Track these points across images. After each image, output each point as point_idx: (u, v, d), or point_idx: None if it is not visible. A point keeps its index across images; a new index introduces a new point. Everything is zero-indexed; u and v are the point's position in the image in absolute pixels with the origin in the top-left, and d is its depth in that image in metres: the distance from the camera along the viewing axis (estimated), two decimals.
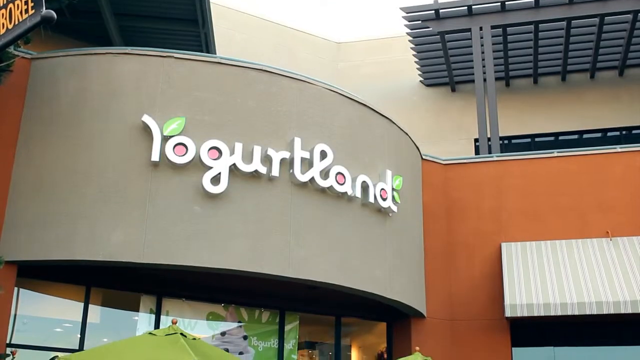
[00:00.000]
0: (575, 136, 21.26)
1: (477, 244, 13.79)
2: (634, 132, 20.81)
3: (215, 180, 10.05)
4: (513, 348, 13.22)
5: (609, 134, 21.18)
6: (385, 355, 13.51)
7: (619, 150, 14.12)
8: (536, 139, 21.39)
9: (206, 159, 10.05)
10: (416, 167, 13.77)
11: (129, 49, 10.62)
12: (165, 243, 9.81)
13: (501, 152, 16.69)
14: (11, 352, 9.69)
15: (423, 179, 14.01)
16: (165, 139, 10.01)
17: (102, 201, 9.84)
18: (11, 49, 9.50)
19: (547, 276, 12.68)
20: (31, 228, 9.82)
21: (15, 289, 10.06)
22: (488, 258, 13.65)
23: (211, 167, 10.06)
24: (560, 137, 21.33)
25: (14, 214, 9.88)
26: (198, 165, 10.05)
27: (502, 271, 13.08)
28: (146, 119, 10.06)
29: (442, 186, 14.32)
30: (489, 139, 17.16)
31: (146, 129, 10.05)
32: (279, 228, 10.54)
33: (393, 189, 12.12)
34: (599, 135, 21.25)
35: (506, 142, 21.26)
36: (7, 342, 9.91)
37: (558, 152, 14.41)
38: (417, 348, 11.32)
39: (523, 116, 21.19)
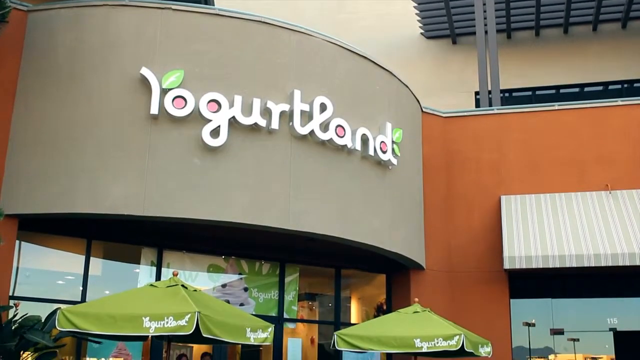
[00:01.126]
0: (577, 89, 21.15)
1: (477, 197, 13.82)
2: (635, 85, 20.70)
3: (215, 133, 10.01)
4: (511, 299, 13.35)
5: (611, 87, 21.07)
6: (385, 307, 13.64)
7: (620, 103, 14.05)
8: (537, 92, 21.29)
9: (205, 112, 10.01)
10: (416, 120, 13.73)
11: (126, 1, 10.49)
12: (165, 196, 9.83)
13: (502, 105, 16.62)
14: (14, 304, 9.79)
15: (423, 131, 13.98)
16: (164, 91, 9.95)
17: (101, 154, 9.83)
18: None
19: (546, 229, 12.73)
20: (31, 181, 9.83)
21: (17, 242, 10.12)
22: (487, 211, 13.69)
23: (210, 120, 10.02)
24: (562, 90, 21.22)
25: (13, 168, 9.88)
26: (197, 118, 10.01)
27: (501, 224, 13.13)
28: (144, 71, 9.98)
29: (442, 139, 14.30)
30: (489, 92, 17.07)
31: (145, 82, 9.99)
32: (278, 181, 10.55)
33: (393, 142, 12.10)
34: (600, 88, 21.14)
35: (507, 95, 21.17)
36: (10, 294, 10.00)
37: (559, 105, 14.34)
38: (416, 299, 11.42)
39: (524, 69, 21.05)
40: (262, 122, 10.40)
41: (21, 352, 9.12)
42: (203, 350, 12.06)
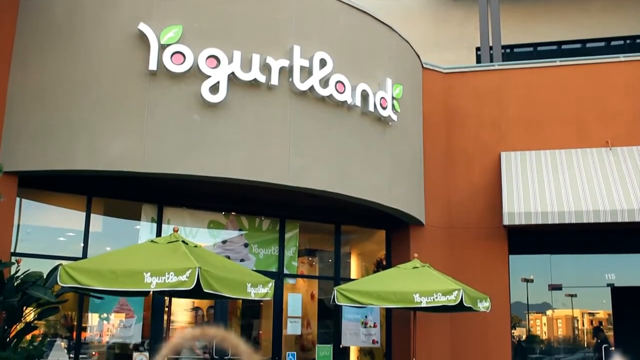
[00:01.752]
0: (579, 45, 20.96)
1: (477, 153, 13.81)
2: (638, 41, 20.50)
3: (214, 89, 9.95)
4: (510, 255, 13.43)
5: (613, 43, 20.87)
6: (384, 262, 13.73)
7: (623, 59, 13.94)
8: (539, 48, 21.10)
9: (204, 68, 9.93)
10: (417, 76, 13.64)
11: None
12: (165, 152, 9.81)
13: (503, 61, 16.49)
14: (16, 260, 9.84)
15: (423, 87, 13.90)
16: (162, 47, 9.86)
17: (100, 111, 9.78)
18: None
19: (546, 185, 12.74)
20: (30, 139, 9.80)
21: (18, 199, 10.14)
22: (487, 167, 13.69)
23: (209, 76, 9.94)
24: (564, 46, 21.03)
25: (12, 125, 9.85)
26: (196, 74, 9.94)
27: (501, 180, 13.14)
28: (142, 27, 9.87)
29: (442, 95, 14.22)
30: (490, 48, 16.91)
31: (143, 38, 9.89)
32: (278, 137, 10.52)
33: (393, 98, 12.04)
34: (602, 44, 20.94)
35: (508, 51, 20.98)
36: (12, 251, 10.06)
37: (560, 61, 14.25)
38: (416, 255, 11.49)
39: (526, 24, 20.82)
40: (262, 78, 10.33)
41: (24, 308, 9.20)
42: (205, 305, 12.17)
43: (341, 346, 12.96)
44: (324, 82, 10.93)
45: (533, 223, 12.24)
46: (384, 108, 11.75)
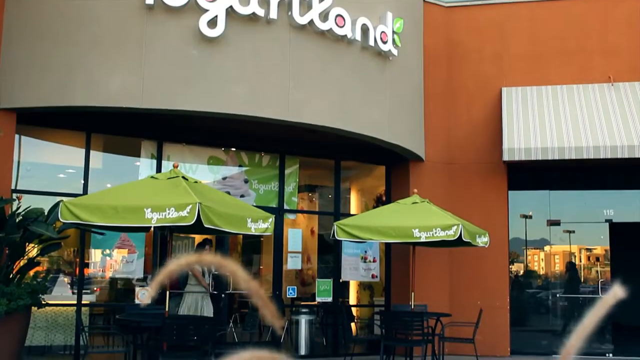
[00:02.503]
0: None
1: (478, 89, 13.70)
2: None
3: (212, 23, 9.80)
4: (509, 191, 13.46)
5: None
6: (384, 198, 13.77)
7: None
8: None
9: (202, 1, 9.74)
10: (417, 10, 13.43)
11: None
12: (163, 88, 9.74)
13: None
14: (16, 197, 9.87)
15: (424, 22, 13.70)
16: None
17: (98, 46, 9.66)
18: None
19: (546, 121, 12.68)
20: (28, 75, 9.71)
21: (17, 136, 10.11)
22: (488, 102, 13.60)
23: (207, 10, 9.77)
24: None
25: (9, 62, 9.74)
26: (194, 7, 9.76)
27: (501, 115, 13.07)
28: None
29: (443, 29, 14.02)
30: None
31: None
32: (277, 72, 10.42)
33: (393, 32, 11.87)
34: None
35: None
36: (12, 188, 10.08)
37: None
38: (415, 190, 11.52)
39: None
40: (260, 12, 10.16)
41: (26, 244, 9.28)
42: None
43: (341, 280, 13.12)
44: (324, 16, 10.76)
45: (533, 159, 12.22)
46: (385, 42, 11.61)
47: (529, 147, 12.23)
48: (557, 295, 13.63)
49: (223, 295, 11.91)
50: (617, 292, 0.98)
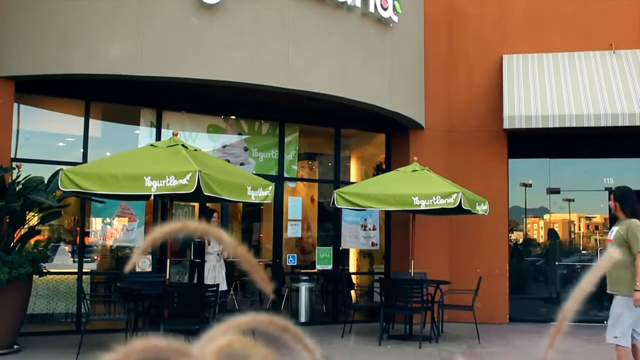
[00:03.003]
0: None
1: (479, 56, 13.62)
2: None
3: None
4: (509, 159, 13.45)
5: None
6: (384, 166, 13.76)
7: None
8: None
9: None
10: None
11: None
12: (162, 55, 9.68)
13: None
14: (16, 165, 9.87)
15: None
16: None
17: (96, 13, 9.57)
18: None
19: (547, 89, 12.63)
20: (26, 43, 9.64)
21: (16, 104, 10.08)
22: (489, 70, 13.53)
23: None
24: None
25: (7, 30, 9.66)
26: None
27: (502, 83, 13.01)
28: None
29: None
30: None
31: None
32: (277, 39, 10.35)
33: None
34: None
35: None
36: (12, 156, 10.07)
37: None
38: (415, 159, 11.51)
39: None
40: None
41: (26, 213, 9.29)
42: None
43: (341, 248, 13.16)
44: None
45: (533, 126, 12.19)
46: (385, 9, 11.51)
47: (530, 114, 12.20)
48: (556, 263, 13.69)
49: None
50: (613, 254, 0.98)
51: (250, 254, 0.92)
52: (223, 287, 10.14)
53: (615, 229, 7.47)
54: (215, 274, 10.47)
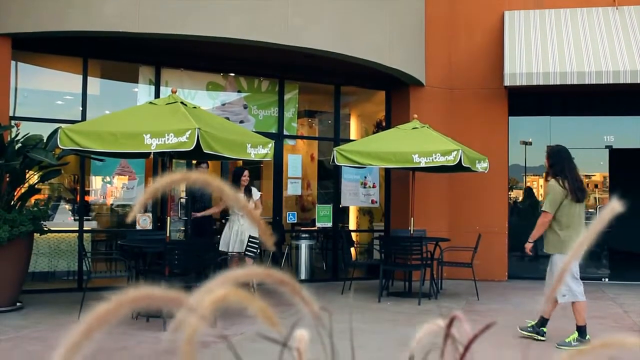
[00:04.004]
0: None
1: (480, 13, 13.46)
2: None
3: None
4: (510, 117, 13.39)
5: None
6: (384, 123, 13.72)
7: None
8: None
9: None
10: None
11: None
12: (160, 12, 9.57)
13: None
14: (15, 124, 9.83)
15: None
16: None
17: None
18: None
19: (549, 45, 12.51)
20: (23, 0, 9.53)
21: (13, 62, 10.00)
22: (490, 26, 13.39)
23: None
24: None
25: None
26: None
27: (503, 40, 12.89)
28: None
29: None
30: None
31: None
32: None
33: None
34: None
35: None
36: (10, 115, 10.02)
37: None
38: (415, 116, 11.46)
39: None
40: None
41: (26, 171, 9.28)
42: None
43: (340, 206, 13.19)
44: None
45: (534, 84, 12.12)
46: None
47: (531, 72, 12.11)
48: None
49: (224, 220, 12.01)
50: (614, 206, 0.97)
51: (249, 204, 0.92)
52: (238, 248, 9.81)
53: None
54: (232, 234, 10.02)
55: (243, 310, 0.87)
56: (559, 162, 7.63)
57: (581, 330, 7.42)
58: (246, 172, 10.18)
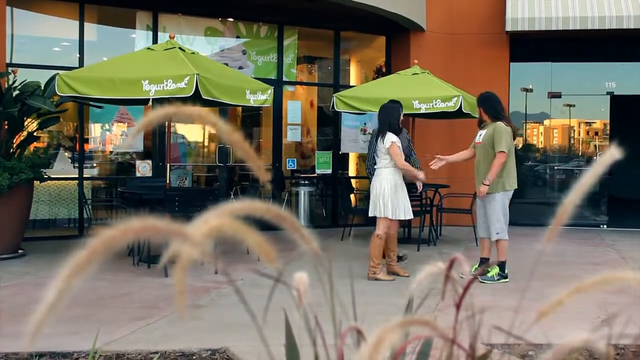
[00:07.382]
0: None
1: None
2: None
3: None
4: (511, 63, 13.29)
5: None
6: (384, 69, 13.62)
7: None
8: None
9: None
10: None
11: None
12: None
13: None
14: (12, 70, 9.75)
15: None
16: None
17: None
18: None
19: None
20: None
21: (9, 8, 9.87)
22: None
23: None
24: None
25: None
26: None
27: None
28: None
29: None
30: None
31: None
32: None
33: None
34: None
35: None
36: (7, 62, 9.94)
37: None
38: (416, 61, 11.37)
39: None
40: None
41: (24, 118, 9.24)
42: None
43: (340, 153, 13.19)
44: None
45: (536, 29, 12.00)
46: None
47: (533, 17, 11.98)
48: (555, 168, 13.74)
49: (223, 166, 12.02)
50: (613, 152, 0.97)
51: (246, 142, 0.91)
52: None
53: (482, 132, 8.06)
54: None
55: (243, 256, 0.87)
56: (493, 107, 7.92)
57: (502, 266, 7.77)
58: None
